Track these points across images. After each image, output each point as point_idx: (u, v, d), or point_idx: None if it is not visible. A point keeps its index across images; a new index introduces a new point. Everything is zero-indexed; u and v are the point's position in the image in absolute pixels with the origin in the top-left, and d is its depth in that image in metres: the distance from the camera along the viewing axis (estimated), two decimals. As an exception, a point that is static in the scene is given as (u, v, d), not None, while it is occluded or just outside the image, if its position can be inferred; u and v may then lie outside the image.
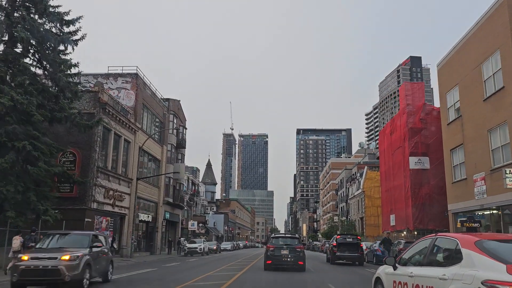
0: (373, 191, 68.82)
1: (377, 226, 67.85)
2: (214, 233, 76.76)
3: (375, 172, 69.52)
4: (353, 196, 76.07)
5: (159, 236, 41.43)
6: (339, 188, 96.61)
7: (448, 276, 5.27)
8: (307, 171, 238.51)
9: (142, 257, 33.74)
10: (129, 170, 33.70)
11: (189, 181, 77.10)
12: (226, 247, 62.54)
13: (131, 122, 33.40)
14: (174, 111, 45.89)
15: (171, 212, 45.80)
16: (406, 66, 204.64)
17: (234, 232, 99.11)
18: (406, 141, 34.99)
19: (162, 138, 42.91)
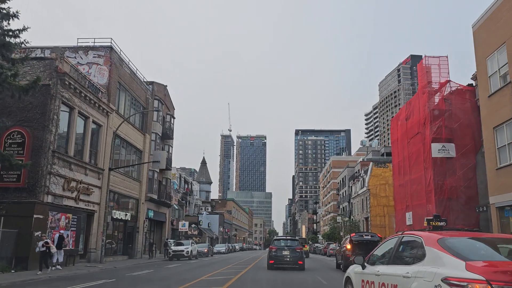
0: (379, 189, 63.36)
1: (384, 227, 62.40)
2: (208, 235, 71.12)
3: (381, 169, 64.09)
4: (356, 195, 70.58)
5: (141, 238, 35.84)
6: (341, 187, 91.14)
7: (411, 274, 5.24)
8: (306, 172, 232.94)
9: (114, 263, 28.15)
10: (99, 159, 28.13)
11: (182, 179, 71.54)
12: (219, 249, 56.93)
13: (102, 102, 27.87)
14: (159, 96, 40.35)
15: (155, 211, 40.21)
16: (406, 65, 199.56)
17: (230, 234, 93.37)
18: (427, 126, 29.49)
19: (145, 126, 37.38)
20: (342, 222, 64.07)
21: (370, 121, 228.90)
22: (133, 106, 34.94)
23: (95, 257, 26.98)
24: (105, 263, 26.54)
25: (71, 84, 23.70)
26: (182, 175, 72.10)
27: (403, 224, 34.65)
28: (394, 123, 38.14)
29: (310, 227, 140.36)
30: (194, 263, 29.01)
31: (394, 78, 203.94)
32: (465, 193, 28.21)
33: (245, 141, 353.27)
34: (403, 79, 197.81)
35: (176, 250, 34.95)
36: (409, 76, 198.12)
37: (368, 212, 62.64)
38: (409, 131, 33.31)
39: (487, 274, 4.29)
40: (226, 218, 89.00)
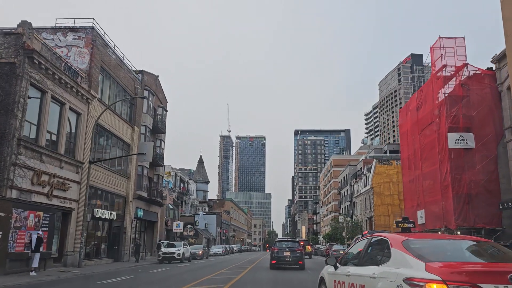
0: (383, 187, 60.38)
1: (388, 227, 59.31)
2: (205, 236, 68.04)
3: (385, 166, 61.12)
4: (359, 194, 67.57)
5: (128, 239, 32.78)
6: (342, 186, 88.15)
7: (377, 274, 5.32)
8: (306, 172, 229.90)
9: (95, 267, 25.12)
10: (78, 151, 25.09)
11: (177, 177, 68.52)
12: (216, 251, 53.86)
13: (81, 88, 24.84)
14: (149, 86, 37.33)
15: (145, 210, 37.16)
16: (407, 64, 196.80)
17: (228, 235, 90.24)
18: (443, 114, 26.55)
19: (133, 117, 34.35)
20: (344, 222, 60.99)
21: (370, 121, 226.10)
22: (119, 96, 31.91)
23: (73, 260, 23.95)
24: (84, 268, 23.52)
25: (41, 63, 20.67)
26: (177, 174, 69.10)
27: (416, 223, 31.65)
28: (403, 114, 35.18)
29: (310, 227, 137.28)
30: (184, 267, 25.97)
31: (395, 77, 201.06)
32: (486, 188, 25.34)
33: (244, 142, 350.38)
34: (404, 78, 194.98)
35: (167, 252, 31.91)
36: (409, 75, 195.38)
37: (372, 212, 59.65)
38: (420, 122, 30.37)
39: (444, 274, 4.44)
40: (224, 219, 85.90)
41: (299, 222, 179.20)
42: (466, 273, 4.45)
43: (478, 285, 4.29)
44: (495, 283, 4.33)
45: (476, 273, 4.48)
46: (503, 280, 4.33)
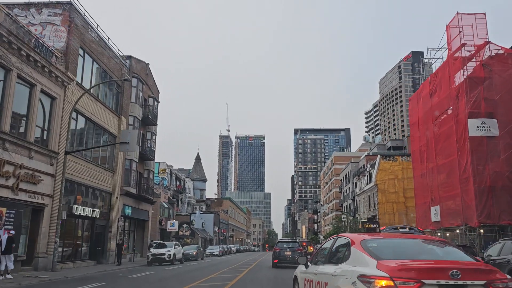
0: (388, 184, 57.48)
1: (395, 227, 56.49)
2: (201, 235, 65.12)
3: (389, 163, 58.19)
4: (362, 191, 64.66)
5: (114, 239, 29.83)
6: (344, 184, 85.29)
7: (338, 272, 5.55)
8: (306, 171, 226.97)
9: (72, 270, 22.24)
10: (52, 140, 22.17)
11: (173, 175, 65.65)
12: (212, 251, 50.92)
13: (56, 69, 21.93)
14: (138, 74, 34.42)
15: (134, 207, 34.24)
16: (407, 62, 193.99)
17: (226, 235, 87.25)
18: (462, 98, 23.65)
19: (120, 107, 31.44)
20: (347, 221, 58.06)
21: (371, 119, 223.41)
22: (102, 80, 28.98)
23: (46, 263, 21.02)
24: (58, 272, 20.64)
25: (3, 35, 17.77)
26: (173, 171, 66.21)
27: (427, 220, 28.73)
28: (413, 103, 32.23)
29: (311, 227, 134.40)
30: (172, 270, 23.06)
31: (395, 75, 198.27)
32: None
33: (243, 141, 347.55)
34: (404, 75, 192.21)
35: (156, 253, 29.00)
36: (410, 73, 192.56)
37: (376, 210, 56.77)
38: (435, 109, 27.44)
39: (391, 271, 4.72)
40: (222, 218, 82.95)
41: (299, 222, 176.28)
42: (411, 270, 4.76)
43: (422, 281, 4.62)
44: (437, 279, 4.66)
45: (420, 270, 4.78)
46: (444, 276, 4.67)
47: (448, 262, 5.13)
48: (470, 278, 4.69)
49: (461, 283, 4.64)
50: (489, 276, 4.79)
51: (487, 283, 4.69)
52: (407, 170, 57.31)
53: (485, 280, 4.70)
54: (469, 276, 4.70)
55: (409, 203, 55.92)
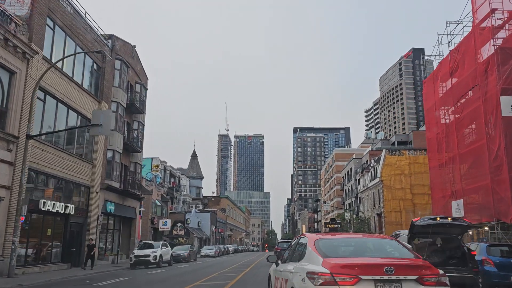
0: (394, 180, 53.96)
1: (400, 224, 52.89)
2: (197, 235, 61.58)
3: (395, 157, 54.66)
4: (365, 188, 61.18)
5: (94, 238, 26.29)
6: (346, 182, 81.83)
7: (294, 269, 6.14)
8: (305, 170, 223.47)
9: (36, 276, 18.74)
10: (11, 121, 18.63)
11: (167, 171, 62.11)
12: (208, 252, 47.39)
13: (15, 37, 18.43)
14: (122, 56, 30.90)
15: (118, 204, 30.72)
16: (408, 59, 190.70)
17: (224, 234, 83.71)
18: (492, 73, 20.11)
19: (100, 90, 27.92)
20: (351, 219, 54.59)
21: (371, 117, 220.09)
22: (79, 61, 25.46)
23: (2, 268, 17.50)
24: (17, 277, 17.19)
25: None
26: (167, 168, 62.68)
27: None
28: (428, 85, 28.71)
29: (311, 226, 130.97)
30: (154, 275, 19.53)
31: (396, 72, 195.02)
32: (556, 168, 18.90)
33: (242, 141, 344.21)
34: (405, 73, 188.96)
35: (140, 255, 25.50)
36: (411, 70, 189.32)
37: (381, 207, 53.28)
38: (456, 89, 23.91)
39: (332, 268, 5.27)
40: (220, 217, 79.40)
41: (298, 221, 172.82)
42: (349, 267, 5.26)
43: (359, 277, 5.14)
44: (373, 274, 5.16)
45: (358, 267, 5.27)
46: (379, 272, 5.17)
47: (386, 259, 5.65)
48: (403, 273, 5.22)
49: (395, 278, 5.17)
50: (421, 271, 5.32)
51: (419, 278, 5.25)
52: (414, 165, 53.93)
53: (417, 275, 5.25)
54: (403, 272, 5.22)
55: (417, 200, 52.53)
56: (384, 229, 51.93)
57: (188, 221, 59.17)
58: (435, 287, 5.24)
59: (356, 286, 5.10)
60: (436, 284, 5.25)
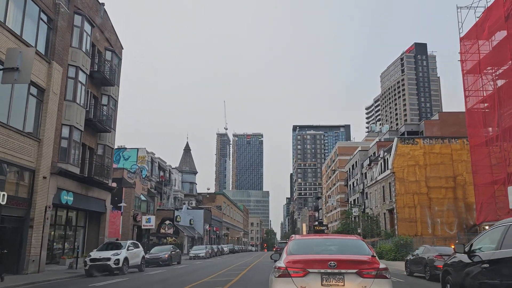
0: (407, 172, 47.82)
1: (414, 221, 46.75)
2: (188, 234, 55.44)
3: (408, 146, 48.52)
4: (374, 182, 55.07)
5: (38, 237, 20.15)
6: (350, 177, 75.73)
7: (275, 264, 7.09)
8: (305, 168, 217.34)
9: None
10: None
11: (155, 164, 56.01)
12: (197, 253, 41.21)
13: None
14: (84, 11, 24.72)
15: (79, 194, 24.54)
16: (410, 54, 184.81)
17: (219, 233, 77.53)
18: None
19: (52, 49, 21.73)
20: (359, 216, 48.40)
21: (372, 114, 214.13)
22: (18, 7, 19.30)
23: None
24: None
25: None
26: (155, 160, 56.56)
27: (499, 208, 19.05)
28: (467, 42, 22.49)
29: (311, 225, 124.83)
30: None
31: (397, 68, 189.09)
32: None
33: (241, 140, 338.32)
34: (407, 68, 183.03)
35: (96, 258, 19.35)
36: (413, 65, 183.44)
37: (393, 202, 47.14)
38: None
39: (287, 263, 6.41)
40: (215, 215, 73.21)
41: (298, 220, 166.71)
42: (300, 262, 6.38)
43: (307, 270, 6.18)
44: (318, 268, 6.15)
45: (306, 262, 6.36)
46: (324, 266, 6.13)
47: (334, 255, 6.54)
48: (344, 267, 6.11)
49: (337, 272, 6.09)
50: (362, 266, 6.21)
51: (358, 271, 6.12)
52: (429, 155, 47.88)
53: (357, 269, 6.14)
54: (344, 266, 6.12)
55: (433, 194, 46.48)
56: (397, 226, 45.83)
57: (178, 218, 53.05)
58: (374, 279, 6.07)
59: (306, 277, 6.17)
60: (375, 276, 6.09)
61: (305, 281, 6.11)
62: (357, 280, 6.06)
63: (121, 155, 53.17)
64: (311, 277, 6.11)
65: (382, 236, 46.57)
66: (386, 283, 6.18)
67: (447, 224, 46.04)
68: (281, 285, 6.22)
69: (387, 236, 45.14)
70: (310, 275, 6.12)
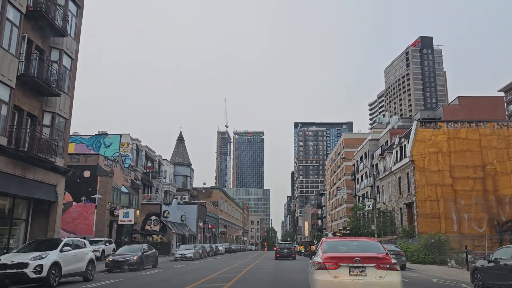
0: (428, 160, 41.03)
1: (437, 217, 40.08)
2: (177, 231, 48.78)
3: (430, 131, 41.59)
4: (388, 173, 48.36)
5: None
6: (357, 170, 69.11)
7: (311, 261, 10.09)
8: (307, 165, 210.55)
9: None
10: None
11: (141, 152, 49.49)
12: (185, 253, 34.53)
13: None
14: None
15: (10, 174, 17.92)
16: (416, 48, 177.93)
17: (216, 231, 70.86)
18: None
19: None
20: (374, 211, 41.67)
21: (375, 111, 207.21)
22: None
23: None
24: None
25: None
26: (141, 148, 50.01)
27: None
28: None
29: (314, 223, 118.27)
30: None
31: (402, 62, 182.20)
32: None
33: (242, 137, 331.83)
34: (412, 62, 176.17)
35: (7, 265, 12.76)
36: (418, 59, 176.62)
37: (413, 195, 40.43)
38: None
39: (324, 259, 8.50)
40: (210, 211, 66.52)
41: (300, 218, 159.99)
42: (334, 258, 8.45)
43: (339, 264, 8.25)
44: (347, 263, 8.22)
45: (338, 258, 8.44)
46: (351, 261, 8.22)
47: (359, 253, 8.57)
48: (366, 262, 8.22)
49: (361, 265, 8.18)
50: (379, 261, 8.32)
51: (376, 265, 8.22)
52: (454, 141, 41.14)
53: (375, 263, 8.24)
54: (366, 261, 8.23)
55: (459, 186, 39.78)
56: (417, 223, 39.17)
57: (166, 213, 46.42)
58: (387, 271, 8.18)
59: (337, 269, 8.23)
60: (388, 269, 8.20)
61: (337, 272, 8.22)
62: (375, 271, 8.19)
63: (102, 141, 46.65)
64: (341, 269, 8.23)
65: (400, 235, 39.89)
66: (397, 274, 8.31)
67: (476, 220, 39.29)
68: (320, 275, 8.37)
69: (405, 235, 38.49)
70: (341, 268, 8.24)
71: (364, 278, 8.03)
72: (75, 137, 47.41)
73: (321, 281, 8.21)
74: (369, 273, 8.06)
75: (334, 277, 8.06)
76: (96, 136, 46.91)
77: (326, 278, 8.13)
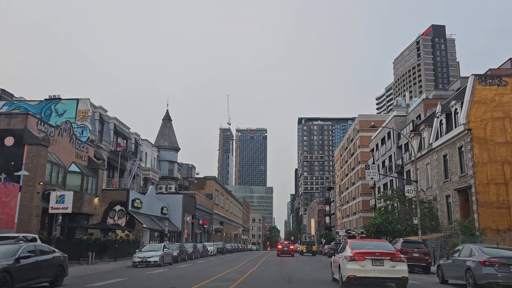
0: (491, 128, 28.54)
1: (506, 207, 27.74)
2: (153, 227, 37.26)
3: (493, 89, 29.41)
4: (426, 152, 36.58)
5: None
6: (375, 157, 57.42)
7: (340, 255, 13.66)
8: (312, 161, 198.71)
9: None
10: None
11: (106, 124, 38.10)
12: (147, 257, 23.08)
13: None
14: None
15: None
16: (427, 37, 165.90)
17: (209, 228, 59.34)
18: None
19: None
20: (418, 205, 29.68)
21: (383, 104, 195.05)
22: None
23: None
24: None
25: None
26: (106, 119, 38.64)
27: None
28: None
29: (321, 221, 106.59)
30: None
31: (413, 52, 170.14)
32: None
33: (244, 135, 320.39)
34: (424, 52, 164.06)
35: None
36: (430, 49, 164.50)
37: (469, 177, 28.76)
38: None
39: (354, 253, 12.45)
40: (201, 204, 54.99)
41: (305, 216, 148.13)
42: (361, 253, 12.36)
43: (365, 257, 12.21)
44: (370, 256, 12.23)
45: (364, 253, 12.37)
46: (373, 255, 12.27)
47: (378, 250, 12.62)
48: (383, 256, 12.24)
49: (380, 258, 12.18)
50: (392, 255, 12.35)
51: (390, 258, 12.21)
52: (529, 101, 29.54)
53: (390, 257, 12.24)
54: (383, 255, 12.26)
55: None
56: (477, 215, 27.52)
57: (136, 203, 34.99)
58: (398, 262, 12.22)
59: (363, 261, 12.16)
60: (398, 261, 12.25)
61: (363, 263, 12.15)
62: (390, 262, 12.18)
63: (53, 108, 35.33)
64: (366, 261, 12.16)
65: (456, 230, 28.23)
66: (404, 264, 12.36)
67: (560, 211, 27.71)
68: (351, 265, 12.25)
69: (463, 231, 26.92)
70: (366, 260, 12.17)
71: (382, 267, 12.19)
72: (18, 102, 36.21)
73: (352, 269, 12.23)
74: (385, 263, 12.20)
75: (361, 266, 12.17)
76: (46, 101, 35.63)
77: (356, 267, 12.20)
